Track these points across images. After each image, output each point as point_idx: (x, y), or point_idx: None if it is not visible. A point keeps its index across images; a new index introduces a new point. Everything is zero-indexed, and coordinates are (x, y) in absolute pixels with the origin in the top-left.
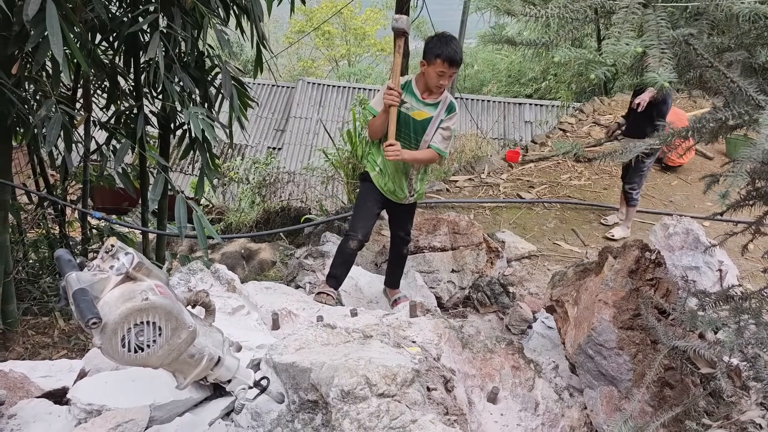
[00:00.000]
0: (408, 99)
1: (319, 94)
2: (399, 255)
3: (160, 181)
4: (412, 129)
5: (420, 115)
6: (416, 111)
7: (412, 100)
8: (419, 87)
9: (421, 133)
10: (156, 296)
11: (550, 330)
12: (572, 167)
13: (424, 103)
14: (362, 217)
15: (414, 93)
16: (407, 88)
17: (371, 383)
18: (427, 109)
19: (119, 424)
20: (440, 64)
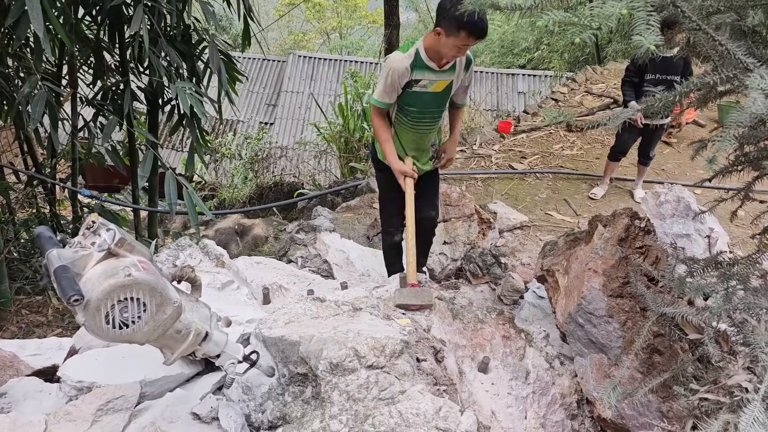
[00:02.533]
0: (422, 75)
1: (311, 68)
2: (429, 241)
3: (149, 157)
4: (435, 103)
5: (440, 85)
6: (435, 84)
7: (427, 73)
8: (431, 56)
9: (446, 99)
10: (139, 272)
11: (542, 300)
12: (564, 137)
13: (441, 72)
14: (394, 212)
15: (427, 66)
16: (416, 64)
17: (360, 355)
18: (445, 75)
19: (109, 401)
20: (465, 37)
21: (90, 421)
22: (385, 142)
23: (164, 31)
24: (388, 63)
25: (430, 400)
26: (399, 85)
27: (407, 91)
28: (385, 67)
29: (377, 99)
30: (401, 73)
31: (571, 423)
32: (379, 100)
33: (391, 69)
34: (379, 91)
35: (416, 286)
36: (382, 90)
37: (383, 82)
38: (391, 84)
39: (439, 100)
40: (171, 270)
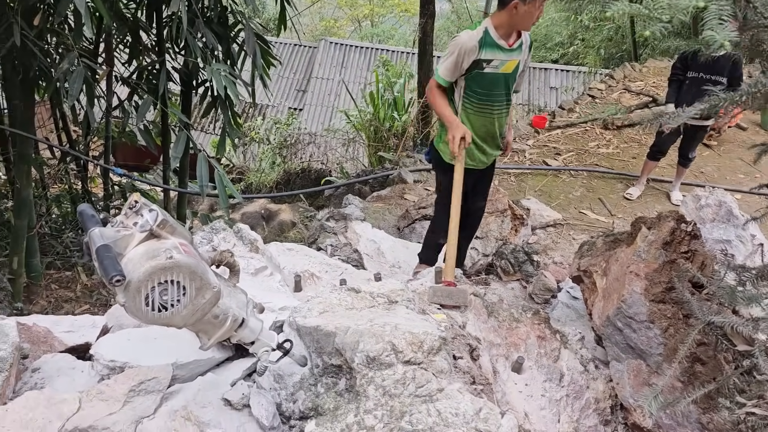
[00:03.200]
0: (492, 55)
1: (342, 55)
2: (474, 231)
3: (182, 139)
4: (505, 85)
5: (510, 66)
6: (506, 64)
7: (498, 53)
8: (501, 33)
9: (514, 81)
10: (180, 255)
11: (576, 300)
12: (600, 135)
13: (511, 50)
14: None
15: (498, 45)
16: (485, 43)
17: (397, 350)
18: (514, 55)
19: (142, 382)
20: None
21: (122, 402)
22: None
23: (201, 12)
24: (456, 40)
25: (470, 400)
26: (466, 62)
27: (477, 73)
28: (452, 44)
29: (440, 75)
30: (469, 49)
31: (604, 429)
32: (442, 76)
33: (459, 45)
34: (444, 67)
35: (452, 284)
36: (447, 66)
37: (450, 58)
38: (457, 61)
39: (509, 81)
40: (210, 254)
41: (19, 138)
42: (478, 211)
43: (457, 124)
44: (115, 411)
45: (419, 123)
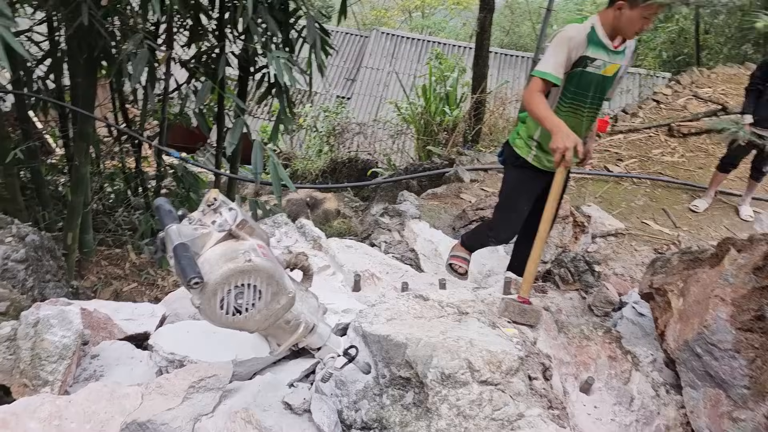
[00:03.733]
0: (597, 54)
1: (393, 46)
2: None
3: (238, 125)
4: (601, 88)
5: (611, 69)
6: (608, 66)
7: (602, 53)
8: (607, 32)
9: (610, 86)
10: (259, 258)
11: (642, 317)
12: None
13: (615, 53)
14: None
15: (602, 44)
16: (591, 40)
17: (474, 368)
18: (617, 58)
19: (202, 378)
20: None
21: (182, 397)
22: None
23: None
24: (564, 33)
25: (555, 430)
26: (573, 57)
27: (577, 71)
28: (560, 37)
29: (547, 71)
30: (579, 42)
31: None
32: (550, 72)
33: (569, 38)
34: (554, 62)
35: (527, 301)
36: (558, 62)
37: (558, 52)
38: (568, 55)
39: (606, 85)
40: (285, 256)
41: (80, 116)
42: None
43: (567, 132)
44: (174, 406)
45: (471, 119)
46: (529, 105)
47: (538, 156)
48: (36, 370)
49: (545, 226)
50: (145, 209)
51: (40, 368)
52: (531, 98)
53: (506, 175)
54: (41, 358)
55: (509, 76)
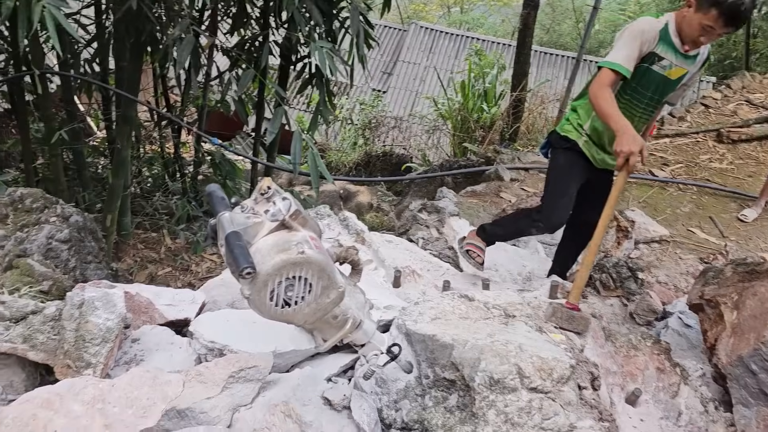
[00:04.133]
0: (665, 53)
1: (431, 40)
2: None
3: (279, 114)
4: (661, 90)
5: (677, 72)
6: (673, 69)
7: (670, 53)
8: (680, 33)
9: (671, 90)
10: (312, 250)
11: (689, 329)
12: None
13: (684, 57)
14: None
15: (673, 44)
16: (663, 37)
17: (523, 374)
18: (686, 63)
19: (242, 369)
20: (714, 17)
21: (221, 387)
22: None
23: None
24: (637, 25)
25: None
26: (644, 51)
27: (642, 67)
28: (633, 29)
29: (618, 62)
30: (651, 37)
31: None
32: (621, 64)
33: (642, 30)
34: (622, 54)
35: (576, 308)
36: (629, 54)
37: (630, 44)
38: (640, 46)
39: (666, 88)
40: (336, 249)
41: (124, 100)
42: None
43: (634, 135)
44: (213, 395)
45: (509, 117)
46: (597, 99)
47: (589, 144)
48: (80, 351)
49: (601, 232)
50: (182, 194)
51: (83, 350)
52: (600, 91)
53: (553, 160)
54: (85, 339)
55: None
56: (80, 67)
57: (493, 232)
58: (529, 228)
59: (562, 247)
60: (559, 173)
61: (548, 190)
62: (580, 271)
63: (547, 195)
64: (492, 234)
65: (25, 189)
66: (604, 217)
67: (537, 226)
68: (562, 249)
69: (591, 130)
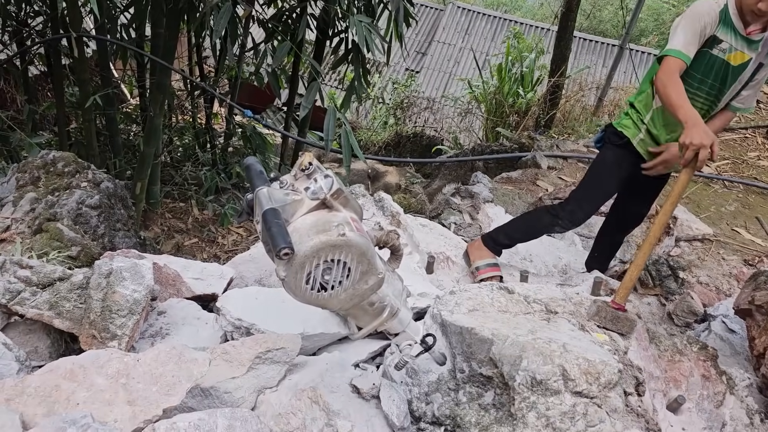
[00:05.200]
0: (725, 36)
1: (467, 21)
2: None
3: (314, 88)
4: (723, 78)
5: (738, 58)
6: (734, 53)
7: (731, 36)
8: (741, 14)
9: (735, 80)
10: (353, 233)
11: (733, 334)
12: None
13: (748, 41)
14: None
15: (733, 26)
16: (724, 19)
17: (568, 377)
18: (749, 49)
19: (269, 350)
20: None
21: (247, 367)
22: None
23: None
24: (695, 7)
25: None
26: (707, 34)
27: (701, 51)
28: (692, 13)
29: (678, 49)
30: (713, 18)
31: None
32: (681, 51)
33: (701, 13)
34: (682, 39)
35: (622, 308)
36: (687, 38)
37: (689, 28)
38: (701, 31)
39: (730, 75)
40: (376, 233)
41: (159, 67)
42: (632, 218)
43: (705, 128)
44: (238, 375)
45: (545, 103)
46: (666, 88)
47: (645, 141)
48: (105, 322)
49: (658, 230)
50: (211, 166)
51: (109, 321)
52: (669, 80)
53: (602, 153)
54: (111, 310)
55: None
56: (117, 32)
57: (505, 239)
58: (551, 226)
59: (603, 239)
60: (603, 168)
61: (585, 182)
62: (630, 270)
63: (582, 187)
64: (504, 241)
65: (58, 152)
66: (664, 214)
67: (559, 224)
68: (603, 241)
69: (651, 122)
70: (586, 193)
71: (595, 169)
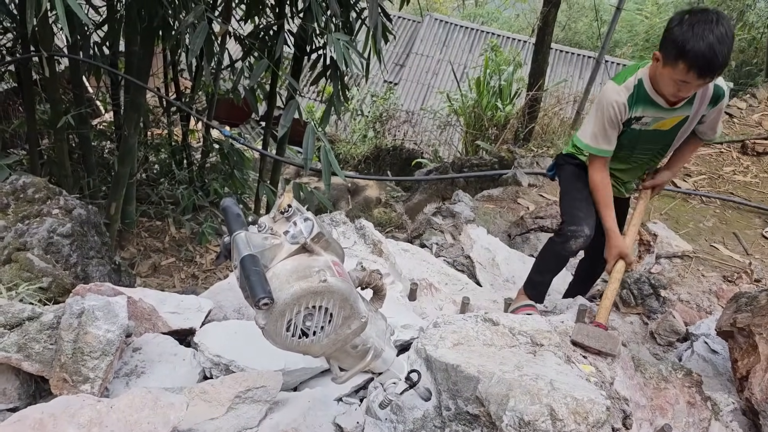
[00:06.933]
0: (644, 112)
1: (445, 33)
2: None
3: (292, 107)
4: (657, 141)
5: (669, 123)
6: (661, 122)
7: (651, 110)
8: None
9: (674, 137)
10: (334, 278)
11: (715, 355)
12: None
13: (672, 110)
14: (582, 205)
15: (653, 101)
16: (637, 99)
17: (556, 417)
18: (679, 111)
19: (249, 389)
20: (683, 71)
21: (226, 407)
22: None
23: None
24: (603, 95)
25: None
26: (620, 124)
27: (625, 131)
28: (599, 100)
29: (596, 147)
30: (620, 110)
31: None
32: (599, 147)
33: (608, 103)
34: (595, 134)
35: (602, 327)
36: (600, 133)
37: (600, 121)
38: (614, 123)
39: (665, 138)
40: (358, 273)
41: (133, 86)
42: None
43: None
44: (218, 416)
45: (524, 117)
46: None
47: None
48: (77, 365)
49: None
50: (188, 184)
51: (81, 363)
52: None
53: (562, 173)
54: (84, 352)
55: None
56: (90, 49)
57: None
58: (565, 246)
59: (581, 270)
60: (570, 180)
61: (563, 200)
62: (608, 288)
63: (564, 203)
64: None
65: (28, 177)
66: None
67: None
68: (581, 272)
69: None
70: (570, 204)
71: (564, 186)
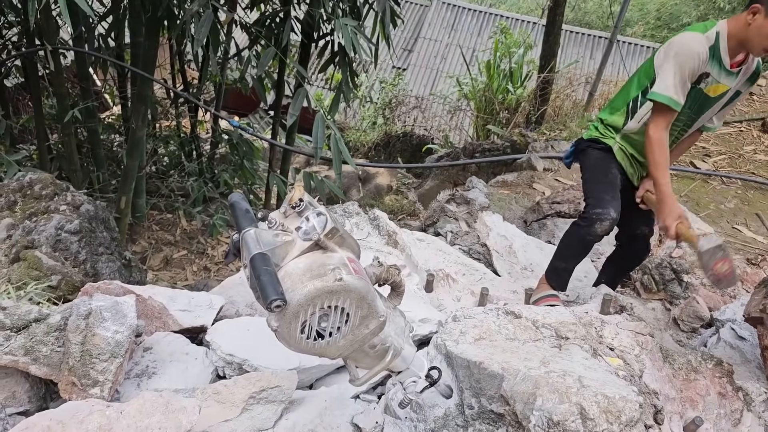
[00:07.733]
0: (711, 69)
1: (453, 16)
2: (637, 261)
3: (301, 95)
4: (698, 109)
5: (716, 90)
6: (714, 85)
7: (716, 70)
8: (731, 45)
9: (709, 110)
10: (350, 276)
11: (743, 341)
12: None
13: (727, 73)
14: (608, 188)
15: (720, 59)
16: (714, 54)
17: (586, 416)
18: (728, 79)
19: (263, 389)
20: None
21: (240, 408)
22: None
23: None
24: (683, 43)
25: None
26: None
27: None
28: (684, 51)
29: (671, 96)
30: (704, 59)
31: None
32: (674, 99)
33: (693, 54)
34: (673, 83)
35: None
36: (680, 84)
37: (681, 72)
38: (694, 72)
39: (705, 106)
40: (375, 269)
41: (139, 78)
42: (636, 239)
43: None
44: (232, 418)
45: (536, 100)
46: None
47: (622, 153)
48: (86, 368)
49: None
50: (198, 175)
51: (90, 366)
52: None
53: (584, 159)
54: (92, 355)
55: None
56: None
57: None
58: (590, 229)
59: (612, 261)
60: (595, 163)
61: (588, 183)
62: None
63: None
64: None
65: (35, 173)
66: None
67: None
68: (612, 263)
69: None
70: (595, 187)
71: (587, 171)
